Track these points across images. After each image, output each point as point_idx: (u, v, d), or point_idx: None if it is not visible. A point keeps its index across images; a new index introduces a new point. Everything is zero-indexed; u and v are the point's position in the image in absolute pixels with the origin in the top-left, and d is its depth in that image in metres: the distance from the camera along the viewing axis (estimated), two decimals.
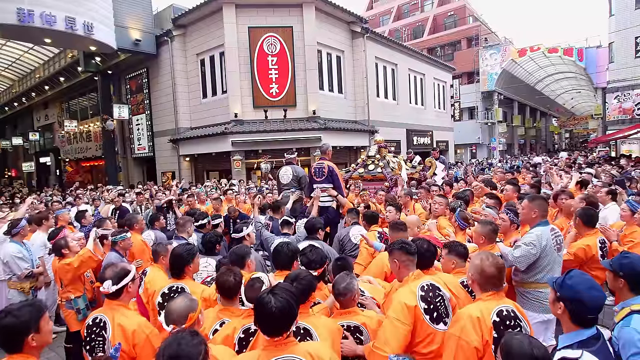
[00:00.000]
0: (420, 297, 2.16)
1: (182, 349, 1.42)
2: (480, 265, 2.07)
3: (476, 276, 2.08)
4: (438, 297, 2.22)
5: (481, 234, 3.13)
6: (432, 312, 2.16)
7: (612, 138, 19.64)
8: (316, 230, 3.88)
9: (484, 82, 29.72)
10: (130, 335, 2.18)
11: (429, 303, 2.17)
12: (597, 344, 1.58)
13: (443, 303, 2.23)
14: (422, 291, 2.19)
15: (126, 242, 3.79)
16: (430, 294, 2.20)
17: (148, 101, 17.13)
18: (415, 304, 2.12)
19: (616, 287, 2.10)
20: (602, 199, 4.79)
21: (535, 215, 3.05)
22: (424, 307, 2.14)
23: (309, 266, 2.58)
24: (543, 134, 45.89)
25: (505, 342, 1.54)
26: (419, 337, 2.14)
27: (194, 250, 2.90)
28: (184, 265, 2.79)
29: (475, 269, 2.09)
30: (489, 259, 2.08)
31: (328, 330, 2.04)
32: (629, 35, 19.59)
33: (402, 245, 2.36)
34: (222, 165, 14.75)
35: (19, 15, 11.06)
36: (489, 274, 2.03)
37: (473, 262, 2.13)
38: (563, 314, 1.69)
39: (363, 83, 16.52)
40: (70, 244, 3.72)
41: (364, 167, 7.38)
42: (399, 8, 38.70)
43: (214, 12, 13.97)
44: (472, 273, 2.11)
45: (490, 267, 2.04)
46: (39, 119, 27.14)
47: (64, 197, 11.53)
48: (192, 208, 6.31)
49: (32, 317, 1.75)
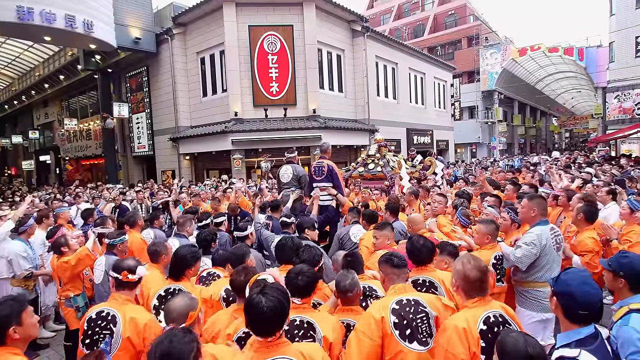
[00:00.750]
0: (392, 310, 2.03)
1: (173, 347, 1.42)
2: (462, 269, 1.98)
3: (460, 282, 1.99)
4: (420, 313, 2.06)
5: (486, 233, 3.15)
6: (404, 328, 2.00)
7: (612, 138, 19.61)
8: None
9: (484, 81, 29.69)
10: (142, 328, 2.21)
11: (402, 318, 2.01)
12: (595, 343, 1.58)
13: (425, 322, 2.06)
14: (397, 305, 2.05)
15: (124, 245, 3.69)
16: (407, 309, 2.04)
17: (148, 99, 17.11)
18: (381, 316, 1.99)
19: (615, 286, 2.09)
20: (602, 199, 4.79)
21: (534, 214, 3.05)
22: (394, 320, 2.00)
23: None
24: (543, 133, 45.88)
25: (500, 341, 1.54)
26: (389, 354, 1.99)
27: (198, 254, 2.87)
28: (186, 267, 2.76)
29: (458, 274, 2.00)
30: (470, 262, 1.99)
31: (331, 326, 2.04)
32: (630, 34, 19.57)
33: (388, 257, 2.28)
34: (222, 164, 14.73)
35: (19, 13, 11.02)
36: (472, 278, 1.94)
37: (455, 267, 2.05)
38: (557, 309, 1.69)
39: (363, 82, 16.50)
40: (70, 242, 3.71)
41: (364, 165, 7.38)
42: (399, 7, 38.64)
43: (214, 11, 13.95)
44: (456, 279, 2.01)
45: (473, 271, 1.95)
46: (39, 117, 27.13)
47: (63, 196, 11.53)
48: (194, 205, 6.31)
49: (13, 311, 1.81)
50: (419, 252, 2.53)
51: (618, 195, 4.92)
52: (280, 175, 5.86)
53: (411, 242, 2.59)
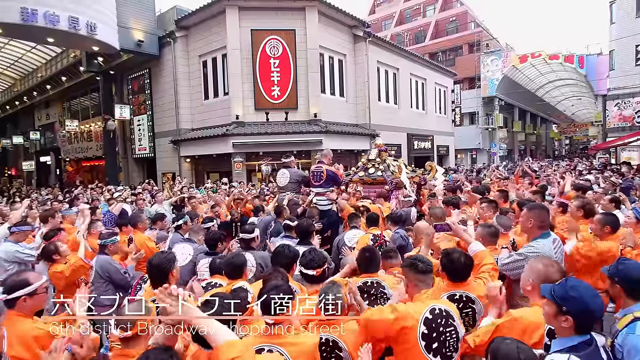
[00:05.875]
0: (425, 319, 1.93)
1: None
2: (544, 271, 2.01)
3: (538, 282, 1.98)
4: (450, 327, 1.97)
5: (481, 235, 3.14)
6: (432, 341, 1.91)
7: (612, 145, 19.65)
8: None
9: (484, 87, 29.78)
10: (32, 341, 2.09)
11: (432, 329, 1.92)
12: (587, 349, 1.58)
13: (454, 336, 1.97)
14: (431, 314, 1.95)
15: (116, 246, 3.68)
16: (439, 321, 1.95)
17: (150, 102, 17.13)
18: (411, 323, 1.90)
19: (615, 293, 2.08)
20: (606, 207, 4.72)
21: (531, 225, 2.89)
22: (423, 330, 1.91)
23: (307, 266, 2.52)
24: (543, 140, 46.00)
25: (493, 347, 1.55)
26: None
27: (171, 256, 2.69)
28: (167, 272, 2.56)
29: (538, 275, 2.01)
30: (553, 266, 2.02)
31: (301, 351, 1.80)
32: (630, 43, 19.64)
33: (411, 262, 2.19)
34: (222, 167, 14.73)
35: (23, 14, 11.07)
36: (554, 281, 1.92)
37: (535, 267, 2.06)
38: (569, 327, 1.62)
39: (365, 87, 16.55)
40: (61, 249, 3.61)
41: (364, 170, 7.36)
42: (401, 13, 38.84)
43: (217, 14, 14.01)
44: (534, 279, 2.02)
45: (556, 274, 1.97)
46: (40, 118, 27.14)
47: (64, 197, 11.46)
48: (193, 209, 6.29)
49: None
50: (456, 268, 2.36)
51: (622, 203, 4.89)
52: (277, 179, 5.93)
53: (449, 256, 2.40)
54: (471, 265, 2.42)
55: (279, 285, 1.92)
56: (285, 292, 1.86)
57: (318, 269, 2.51)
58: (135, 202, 7.38)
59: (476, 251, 2.72)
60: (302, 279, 2.61)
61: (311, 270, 2.50)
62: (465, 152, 32.08)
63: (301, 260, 2.60)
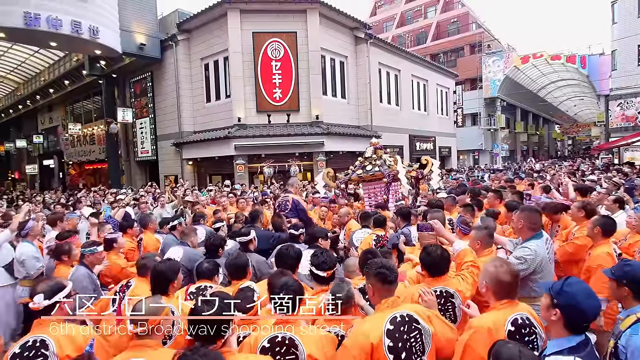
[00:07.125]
0: (387, 331, 1.88)
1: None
2: (495, 272, 2.04)
3: (491, 284, 2.03)
4: (414, 331, 1.93)
5: (475, 239, 3.12)
6: (399, 352, 1.87)
7: (615, 145, 19.60)
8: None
9: (486, 88, 29.76)
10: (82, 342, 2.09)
11: (397, 340, 1.88)
12: (585, 350, 1.60)
13: (418, 340, 1.94)
14: (392, 324, 1.90)
15: (95, 257, 3.42)
16: (402, 328, 1.91)
17: (152, 105, 17.20)
18: (377, 340, 1.85)
19: (620, 295, 2.08)
20: (610, 208, 4.72)
21: (521, 226, 2.95)
22: (389, 344, 1.86)
23: (319, 267, 2.56)
24: (546, 140, 45.87)
25: (495, 350, 1.55)
26: None
27: (177, 266, 2.72)
28: (169, 282, 2.59)
29: (490, 276, 2.07)
30: (503, 266, 2.06)
31: (314, 341, 1.92)
32: (632, 43, 19.62)
33: (379, 271, 2.04)
34: (225, 169, 14.76)
35: (26, 18, 11.14)
36: (504, 282, 2.01)
37: (487, 269, 2.11)
38: (557, 320, 1.68)
39: (366, 88, 16.56)
40: (73, 252, 3.62)
41: (362, 168, 7.39)
42: (402, 14, 38.89)
43: (219, 17, 14.07)
44: (487, 281, 2.06)
45: (506, 275, 2.01)
46: (43, 122, 27.29)
47: (67, 200, 11.51)
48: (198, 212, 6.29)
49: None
50: (434, 260, 2.47)
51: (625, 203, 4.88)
52: None
53: (426, 250, 2.54)
54: (448, 258, 2.52)
55: (289, 283, 2.04)
56: (296, 290, 2.03)
57: (329, 271, 2.57)
58: (138, 206, 7.40)
59: (458, 250, 2.79)
60: (312, 279, 2.67)
61: (322, 272, 2.56)
62: (468, 153, 32.05)
63: (313, 261, 2.63)
